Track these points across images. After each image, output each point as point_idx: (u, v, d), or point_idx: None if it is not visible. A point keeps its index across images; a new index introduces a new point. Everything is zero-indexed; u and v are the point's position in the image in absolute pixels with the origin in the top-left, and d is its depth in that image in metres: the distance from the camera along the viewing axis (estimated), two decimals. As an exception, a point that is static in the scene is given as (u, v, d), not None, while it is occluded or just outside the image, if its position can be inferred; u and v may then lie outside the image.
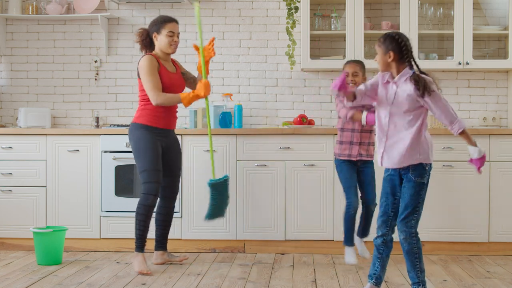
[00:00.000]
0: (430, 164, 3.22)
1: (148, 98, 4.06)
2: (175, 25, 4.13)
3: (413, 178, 3.18)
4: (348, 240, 4.17)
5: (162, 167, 4.13)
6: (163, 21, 4.10)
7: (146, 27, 4.27)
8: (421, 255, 3.26)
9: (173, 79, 4.16)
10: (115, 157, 4.77)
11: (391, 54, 3.17)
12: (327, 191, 4.69)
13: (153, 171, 4.05)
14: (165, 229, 4.31)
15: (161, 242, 4.31)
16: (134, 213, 4.14)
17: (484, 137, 4.64)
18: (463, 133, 3.16)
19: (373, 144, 4.14)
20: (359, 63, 4.20)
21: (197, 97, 4.06)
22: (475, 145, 3.17)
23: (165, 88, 4.09)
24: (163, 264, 4.29)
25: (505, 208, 4.65)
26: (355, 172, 4.16)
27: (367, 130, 4.13)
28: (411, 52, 3.20)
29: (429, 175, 3.22)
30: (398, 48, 3.16)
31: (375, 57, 3.25)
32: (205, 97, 4.09)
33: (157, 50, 4.17)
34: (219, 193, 4.14)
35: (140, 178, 4.10)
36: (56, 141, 4.82)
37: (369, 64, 4.98)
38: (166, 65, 4.17)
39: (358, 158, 4.12)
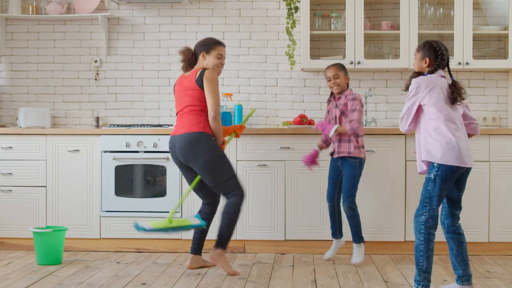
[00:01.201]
0: (433, 163, 3.34)
1: (206, 109, 4.02)
2: (223, 49, 4.17)
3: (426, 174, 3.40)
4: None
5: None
6: (214, 43, 4.13)
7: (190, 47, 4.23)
8: (425, 253, 3.30)
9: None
10: (115, 157, 4.77)
11: (427, 60, 3.41)
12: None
13: (236, 176, 4.03)
14: (205, 234, 4.23)
15: (200, 247, 4.22)
16: (226, 214, 3.98)
17: (484, 137, 4.64)
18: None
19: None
20: (337, 65, 4.36)
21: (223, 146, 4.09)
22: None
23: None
24: (198, 268, 4.21)
25: (505, 208, 4.65)
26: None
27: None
28: (446, 61, 3.44)
29: (436, 173, 3.32)
30: (434, 56, 3.41)
31: (413, 62, 3.53)
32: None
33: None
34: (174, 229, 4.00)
35: (227, 186, 3.97)
36: (56, 141, 4.82)
37: (369, 64, 4.99)
38: None
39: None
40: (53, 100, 5.46)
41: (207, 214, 4.19)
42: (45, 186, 4.83)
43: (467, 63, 4.90)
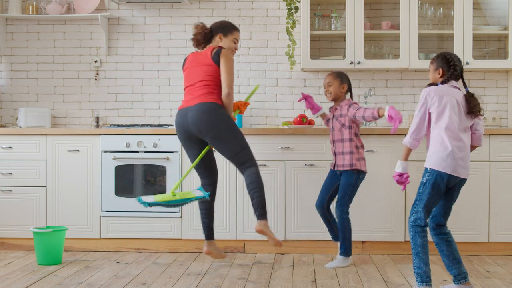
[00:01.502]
0: (427, 168, 3.43)
1: (219, 85, 4.04)
2: (239, 35, 4.27)
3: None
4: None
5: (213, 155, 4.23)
6: (233, 28, 4.23)
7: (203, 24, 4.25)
8: (415, 250, 3.37)
9: None
10: (115, 157, 4.77)
11: (440, 71, 3.47)
12: (327, 191, 4.69)
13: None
14: (212, 222, 4.28)
15: (212, 231, 4.28)
16: (251, 184, 3.97)
17: (484, 137, 4.63)
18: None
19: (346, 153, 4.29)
20: (333, 74, 4.34)
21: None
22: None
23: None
24: (214, 255, 4.26)
25: (505, 208, 4.65)
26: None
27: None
28: (459, 72, 3.46)
29: (427, 178, 3.40)
30: (447, 66, 3.45)
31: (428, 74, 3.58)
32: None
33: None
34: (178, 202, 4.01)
35: (244, 153, 4.00)
36: (56, 141, 4.82)
37: (369, 64, 4.99)
38: None
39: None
40: (53, 100, 5.46)
41: (211, 195, 4.22)
42: (45, 186, 4.83)
43: (467, 63, 4.90)
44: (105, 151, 4.80)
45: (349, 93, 4.37)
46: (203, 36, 4.19)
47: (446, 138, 3.34)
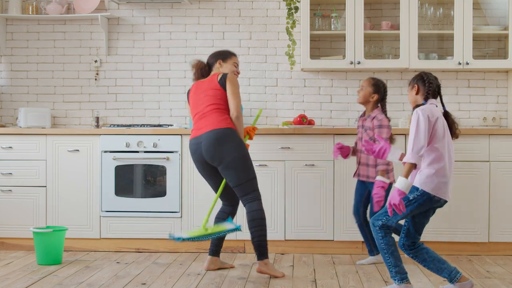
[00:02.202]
0: (417, 188, 3.35)
1: (228, 108, 4.03)
2: (238, 59, 4.29)
3: None
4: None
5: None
6: (231, 53, 4.25)
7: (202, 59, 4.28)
8: (388, 249, 3.38)
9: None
10: (115, 157, 4.77)
11: (416, 87, 3.44)
12: (327, 191, 4.69)
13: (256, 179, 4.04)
14: (224, 236, 4.16)
15: (218, 248, 4.18)
16: (253, 222, 3.91)
17: (484, 137, 4.64)
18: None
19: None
20: (370, 80, 4.31)
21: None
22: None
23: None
24: (216, 270, 4.17)
25: (505, 208, 4.65)
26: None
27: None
28: (435, 89, 3.42)
29: (417, 196, 3.33)
30: (422, 82, 3.43)
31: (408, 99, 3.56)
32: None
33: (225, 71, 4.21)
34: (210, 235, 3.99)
35: (249, 185, 3.94)
36: (56, 141, 4.82)
37: (369, 64, 4.99)
38: None
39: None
40: (53, 100, 5.46)
41: (227, 214, 4.16)
42: (45, 186, 4.83)
43: (467, 63, 4.90)
44: (105, 151, 4.80)
45: (380, 105, 4.29)
46: (201, 70, 4.21)
47: (444, 161, 3.29)
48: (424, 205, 3.31)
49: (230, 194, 4.15)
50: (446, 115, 3.42)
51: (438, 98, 3.46)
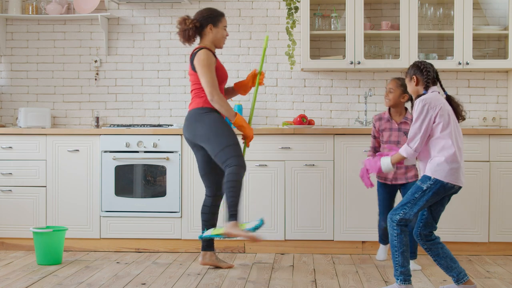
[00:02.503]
0: (429, 176, 3.37)
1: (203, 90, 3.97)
2: (226, 20, 4.13)
3: None
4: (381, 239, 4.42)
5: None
6: (220, 15, 4.05)
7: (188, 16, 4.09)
8: (400, 248, 3.35)
9: (226, 72, 4.15)
10: (115, 157, 4.77)
11: (415, 78, 3.43)
12: (327, 191, 4.69)
13: (237, 145, 3.91)
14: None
15: (210, 243, 4.18)
16: (226, 184, 3.83)
17: (484, 137, 4.64)
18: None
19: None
20: (398, 80, 4.19)
21: (242, 128, 4.01)
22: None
23: (221, 82, 4.05)
24: (211, 265, 4.18)
25: (505, 208, 4.65)
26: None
27: None
28: (433, 76, 3.42)
29: (430, 186, 3.35)
30: (419, 72, 3.42)
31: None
32: (248, 137, 4.09)
33: (207, 42, 4.06)
34: None
35: (224, 153, 3.86)
36: (56, 141, 4.82)
37: (369, 64, 4.99)
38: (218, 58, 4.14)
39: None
40: (53, 100, 5.46)
41: (208, 207, 4.16)
42: (45, 186, 4.83)
43: (467, 63, 4.90)
44: (105, 151, 4.80)
45: (409, 102, 4.21)
46: (194, 31, 4.04)
47: (453, 147, 3.28)
48: (438, 193, 3.31)
49: (211, 180, 4.13)
50: (449, 99, 3.41)
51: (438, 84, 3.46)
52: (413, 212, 3.32)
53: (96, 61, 5.41)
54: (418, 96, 3.42)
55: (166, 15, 5.37)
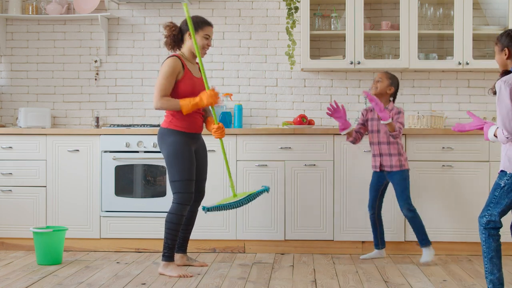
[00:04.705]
0: (506, 172, 3.20)
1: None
2: (212, 29, 4.01)
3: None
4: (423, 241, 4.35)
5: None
6: (203, 22, 3.95)
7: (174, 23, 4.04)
8: (488, 254, 3.16)
9: (196, 84, 3.97)
10: (115, 157, 4.77)
11: (506, 51, 3.12)
12: (327, 191, 4.70)
13: (187, 181, 3.90)
14: (187, 233, 4.20)
15: (183, 245, 4.20)
16: (165, 223, 3.93)
17: (484, 137, 4.63)
18: None
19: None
20: (386, 73, 4.39)
21: (197, 106, 3.86)
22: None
23: (187, 93, 3.91)
24: (184, 266, 4.19)
25: (505, 208, 4.64)
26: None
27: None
28: None
29: (507, 181, 3.17)
30: None
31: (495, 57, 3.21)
32: (208, 106, 3.93)
33: (185, 50, 4.00)
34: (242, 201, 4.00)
35: (172, 187, 3.91)
36: (56, 141, 4.82)
37: (369, 64, 4.99)
38: (191, 68, 3.99)
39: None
40: (53, 100, 5.46)
41: (190, 212, 4.17)
42: (45, 186, 4.83)
43: (467, 63, 4.90)
44: (105, 151, 4.80)
45: (392, 97, 4.40)
46: (173, 39, 3.96)
47: None
48: None
49: (195, 186, 4.12)
50: None
51: None
52: (497, 212, 3.13)
53: (96, 61, 5.41)
54: (504, 72, 3.13)
55: (166, 15, 5.37)
